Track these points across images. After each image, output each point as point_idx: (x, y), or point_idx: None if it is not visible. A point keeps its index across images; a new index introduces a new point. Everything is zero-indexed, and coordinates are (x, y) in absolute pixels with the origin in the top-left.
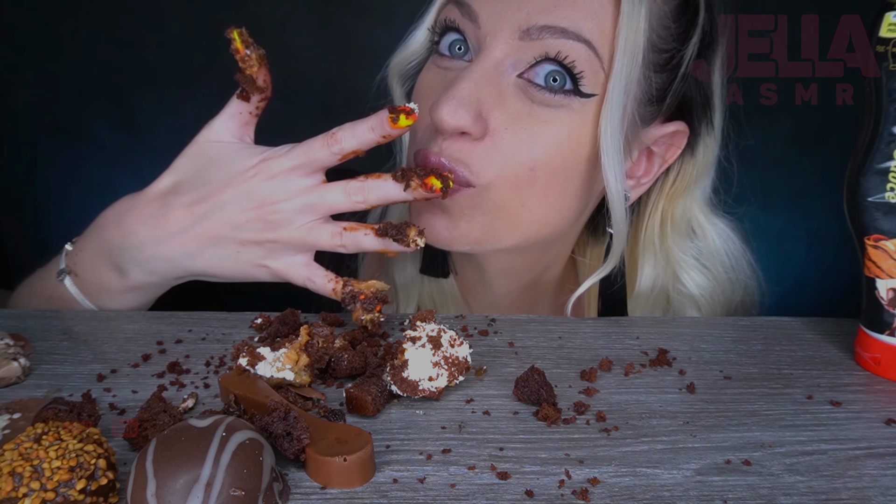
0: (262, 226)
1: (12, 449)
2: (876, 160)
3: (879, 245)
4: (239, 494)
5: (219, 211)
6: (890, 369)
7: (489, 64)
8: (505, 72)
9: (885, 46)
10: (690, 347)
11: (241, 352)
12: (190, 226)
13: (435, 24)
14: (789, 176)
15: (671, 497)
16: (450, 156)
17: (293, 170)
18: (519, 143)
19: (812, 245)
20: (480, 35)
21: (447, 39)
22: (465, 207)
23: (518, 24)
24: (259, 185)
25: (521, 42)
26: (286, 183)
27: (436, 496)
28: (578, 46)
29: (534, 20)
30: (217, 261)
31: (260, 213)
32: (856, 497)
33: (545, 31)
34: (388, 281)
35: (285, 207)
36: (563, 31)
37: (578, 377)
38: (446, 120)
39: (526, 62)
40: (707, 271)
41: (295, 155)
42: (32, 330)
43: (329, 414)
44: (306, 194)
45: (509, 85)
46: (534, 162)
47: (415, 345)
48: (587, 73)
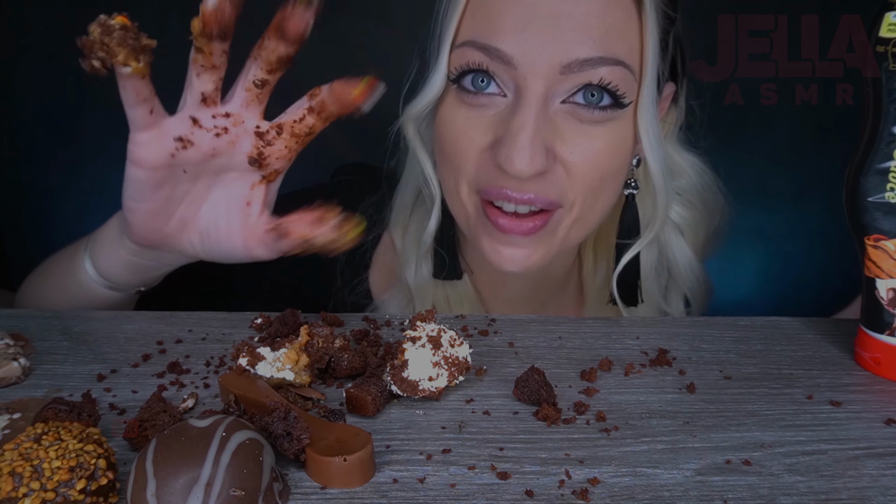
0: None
1: (12, 449)
2: (876, 160)
3: (879, 245)
4: (239, 494)
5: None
6: (890, 369)
7: (538, 101)
8: (549, 103)
9: (885, 46)
10: (690, 347)
11: (241, 352)
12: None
13: (451, 69)
14: (789, 176)
15: (671, 497)
16: (535, 189)
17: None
18: (585, 161)
19: (812, 245)
20: (518, 75)
21: (469, 77)
22: (549, 231)
23: (558, 61)
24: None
25: (563, 76)
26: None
27: (436, 496)
28: (616, 70)
29: (573, 55)
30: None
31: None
32: (856, 497)
33: (586, 64)
34: (402, 286)
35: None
36: (602, 60)
37: (578, 377)
38: (526, 170)
39: (568, 91)
40: (687, 202)
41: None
42: (32, 330)
43: (329, 414)
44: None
45: (557, 113)
46: (601, 172)
47: (415, 345)
48: (627, 91)
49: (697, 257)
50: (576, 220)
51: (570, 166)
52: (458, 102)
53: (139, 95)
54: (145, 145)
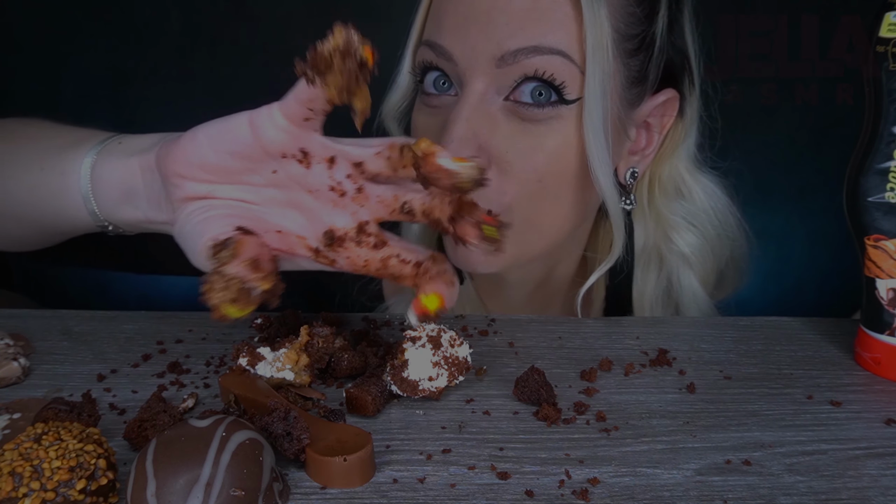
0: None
1: (12, 449)
2: (876, 160)
3: (879, 245)
4: (239, 494)
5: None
6: (890, 369)
7: (474, 98)
8: (490, 99)
9: (885, 46)
10: (690, 347)
11: (241, 352)
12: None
13: (414, 66)
14: (789, 176)
15: (671, 497)
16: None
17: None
18: (522, 160)
19: (812, 245)
20: (459, 71)
21: (430, 78)
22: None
23: (492, 54)
24: None
25: (499, 69)
26: None
27: (436, 496)
28: (553, 59)
29: (505, 46)
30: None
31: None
32: (856, 497)
33: (519, 54)
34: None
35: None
36: (536, 49)
37: (578, 377)
38: None
39: (508, 86)
40: (696, 229)
41: None
42: (32, 330)
43: (329, 414)
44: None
45: (498, 110)
46: (539, 173)
47: (415, 345)
48: (568, 81)
49: (707, 292)
50: (524, 226)
51: (505, 166)
52: (421, 105)
53: (311, 103)
54: (277, 128)
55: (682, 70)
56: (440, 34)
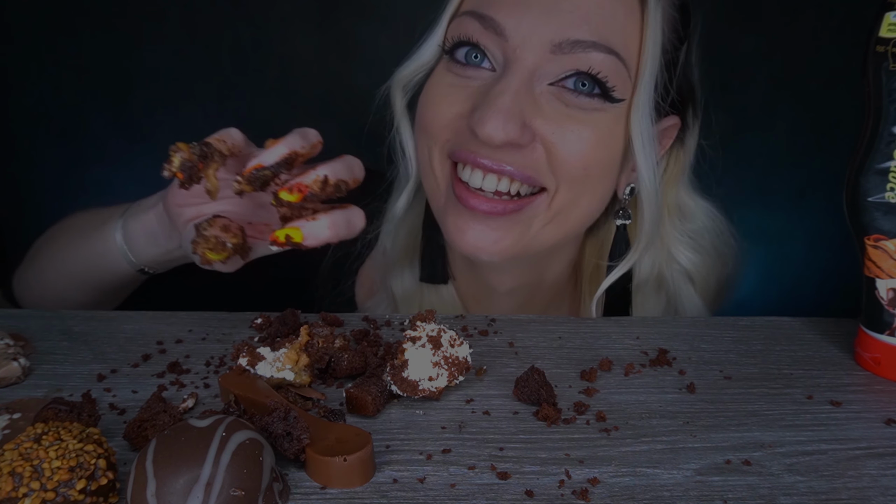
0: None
1: (12, 449)
2: (876, 160)
3: (879, 245)
4: (239, 494)
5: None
6: (890, 369)
7: (524, 75)
8: (538, 82)
9: (885, 46)
10: (690, 347)
11: (241, 352)
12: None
13: (447, 38)
14: (789, 176)
15: (671, 497)
16: (513, 162)
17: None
18: (569, 145)
19: (812, 245)
20: (508, 47)
21: (462, 50)
22: (523, 219)
23: (549, 38)
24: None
25: (553, 55)
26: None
27: (436, 496)
28: (608, 59)
29: (566, 34)
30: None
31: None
32: (856, 497)
33: (577, 46)
34: (388, 294)
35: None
36: (594, 45)
37: (578, 377)
38: (496, 135)
39: (556, 74)
40: (698, 247)
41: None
42: (32, 330)
43: (329, 414)
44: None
45: (542, 93)
46: (586, 161)
47: (415, 345)
48: (617, 84)
49: (707, 307)
50: (555, 215)
51: (552, 148)
52: (446, 71)
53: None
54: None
55: (688, 100)
56: (491, 6)
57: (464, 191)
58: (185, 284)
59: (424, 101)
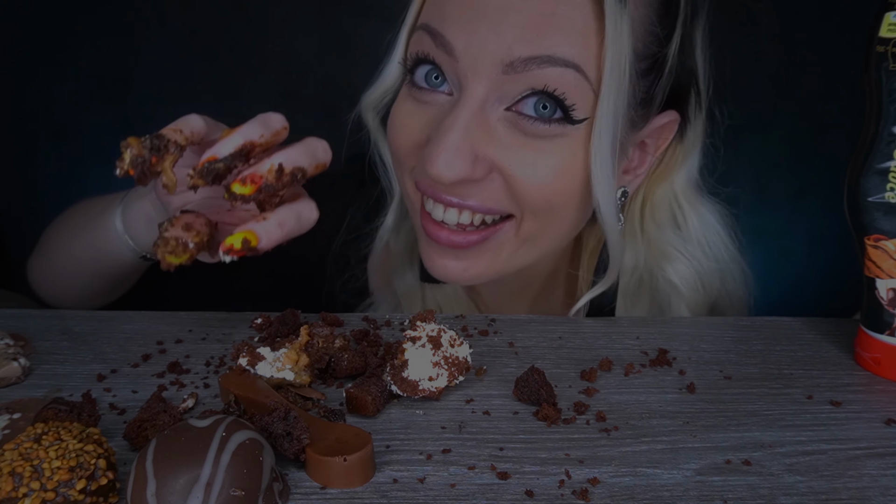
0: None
1: (12, 449)
2: (876, 160)
3: (879, 245)
4: (239, 494)
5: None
6: (890, 369)
7: (474, 103)
8: (491, 108)
9: (885, 46)
10: (690, 347)
11: (241, 352)
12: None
13: (406, 56)
14: (789, 176)
15: (671, 497)
16: (472, 196)
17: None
18: (528, 175)
19: (812, 245)
20: (459, 69)
21: (422, 70)
22: (491, 247)
23: (500, 58)
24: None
25: (506, 76)
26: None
27: (436, 496)
28: (566, 73)
29: (516, 52)
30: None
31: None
32: (856, 497)
33: (530, 63)
34: (390, 291)
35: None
36: (550, 59)
37: (578, 377)
38: (444, 174)
39: (512, 97)
40: (688, 259)
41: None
42: (32, 330)
43: (329, 414)
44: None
45: (498, 119)
46: (547, 192)
47: (415, 345)
48: (578, 102)
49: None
50: (524, 242)
51: (510, 179)
52: (407, 97)
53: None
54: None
55: (689, 92)
56: (443, 22)
57: (428, 222)
58: (184, 284)
59: (390, 128)
